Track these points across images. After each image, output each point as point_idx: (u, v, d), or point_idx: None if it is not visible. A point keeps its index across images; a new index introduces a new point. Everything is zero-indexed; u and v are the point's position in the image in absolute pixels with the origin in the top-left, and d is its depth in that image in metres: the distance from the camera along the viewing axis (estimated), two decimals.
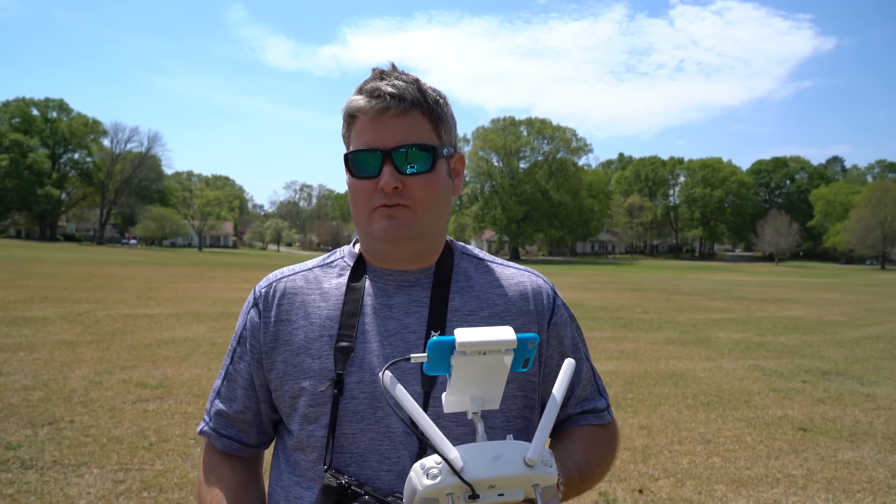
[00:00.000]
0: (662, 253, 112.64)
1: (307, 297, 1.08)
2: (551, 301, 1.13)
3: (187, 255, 55.03)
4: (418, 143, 1.00)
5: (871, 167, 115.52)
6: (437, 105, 1.03)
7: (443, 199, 1.06)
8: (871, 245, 74.32)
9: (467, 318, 1.04)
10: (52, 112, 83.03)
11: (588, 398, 1.17)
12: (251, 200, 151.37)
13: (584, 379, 1.16)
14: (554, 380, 0.89)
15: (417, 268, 1.08)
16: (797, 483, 4.44)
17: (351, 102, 1.03)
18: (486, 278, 1.11)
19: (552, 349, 1.11)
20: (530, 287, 1.12)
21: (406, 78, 1.03)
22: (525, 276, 1.14)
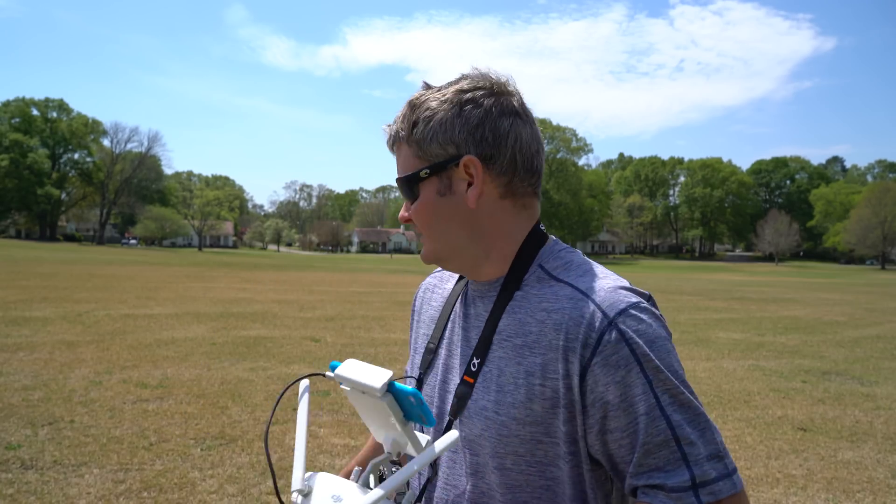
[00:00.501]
0: (662, 253, 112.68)
1: (432, 296, 1.16)
2: (594, 337, 0.87)
3: (187, 255, 55.03)
4: (400, 176, 1.00)
5: (871, 167, 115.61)
6: (415, 125, 0.97)
7: (440, 221, 0.99)
8: (871, 245, 74.37)
9: (504, 343, 0.95)
10: (52, 112, 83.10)
11: (659, 469, 0.84)
12: (251, 200, 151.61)
13: (653, 443, 0.84)
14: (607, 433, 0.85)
15: (487, 280, 1.02)
16: (797, 483, 4.44)
17: None
18: (539, 298, 0.95)
19: (595, 397, 0.87)
20: (568, 315, 0.90)
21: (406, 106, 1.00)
22: (570, 302, 0.91)
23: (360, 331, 10.90)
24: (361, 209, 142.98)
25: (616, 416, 0.86)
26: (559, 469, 0.91)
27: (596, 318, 0.88)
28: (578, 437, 0.90)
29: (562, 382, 0.88)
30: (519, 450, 0.91)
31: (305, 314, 13.02)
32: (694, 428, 0.85)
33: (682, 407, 0.86)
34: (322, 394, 6.39)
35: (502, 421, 0.92)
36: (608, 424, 0.87)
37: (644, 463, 0.85)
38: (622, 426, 0.86)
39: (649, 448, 0.85)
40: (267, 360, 8.04)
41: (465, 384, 0.96)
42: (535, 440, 0.91)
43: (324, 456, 4.64)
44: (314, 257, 71.37)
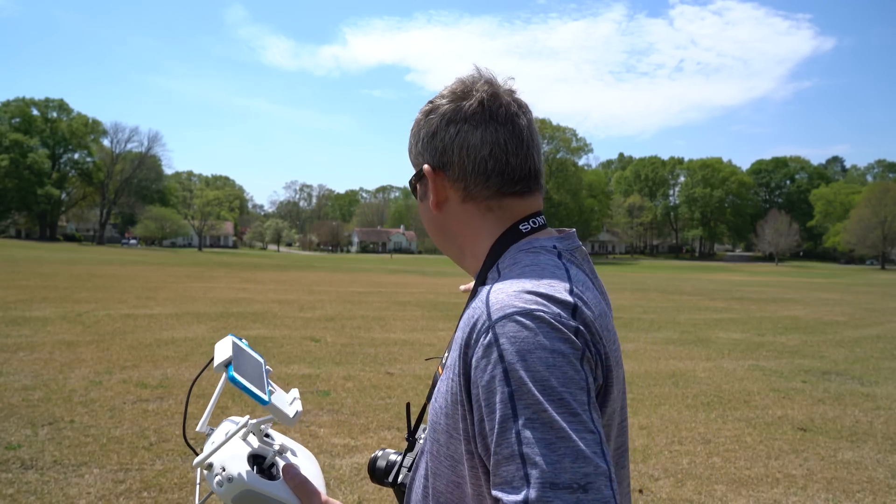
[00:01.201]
0: (662, 253, 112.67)
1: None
2: (475, 337, 0.86)
3: (187, 255, 55.02)
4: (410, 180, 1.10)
5: (871, 167, 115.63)
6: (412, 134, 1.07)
7: (425, 222, 1.09)
8: (871, 245, 74.39)
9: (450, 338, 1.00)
10: (52, 112, 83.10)
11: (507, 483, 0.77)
12: (251, 200, 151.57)
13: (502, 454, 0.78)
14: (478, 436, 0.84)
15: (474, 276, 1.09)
16: (797, 483, 4.44)
17: None
18: (475, 296, 0.97)
19: (473, 396, 0.84)
20: (468, 315, 0.90)
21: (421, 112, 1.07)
22: (477, 301, 0.91)
23: (360, 331, 10.90)
24: (361, 209, 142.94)
25: (486, 419, 0.82)
26: (463, 467, 0.89)
27: (481, 318, 0.86)
28: (471, 436, 0.86)
29: (459, 379, 0.87)
30: (440, 439, 0.91)
31: (305, 314, 13.02)
32: (548, 450, 0.76)
33: (543, 426, 0.77)
34: (322, 394, 6.39)
35: (436, 408, 0.94)
36: (484, 427, 0.82)
37: (496, 473, 0.79)
38: (488, 431, 0.81)
39: (498, 459, 0.79)
40: (267, 359, 8.01)
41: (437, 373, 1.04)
42: (449, 433, 0.90)
43: (324, 456, 4.63)
44: (314, 257, 71.36)
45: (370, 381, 7.05)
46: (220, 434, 0.99)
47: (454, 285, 24.37)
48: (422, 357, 8.64)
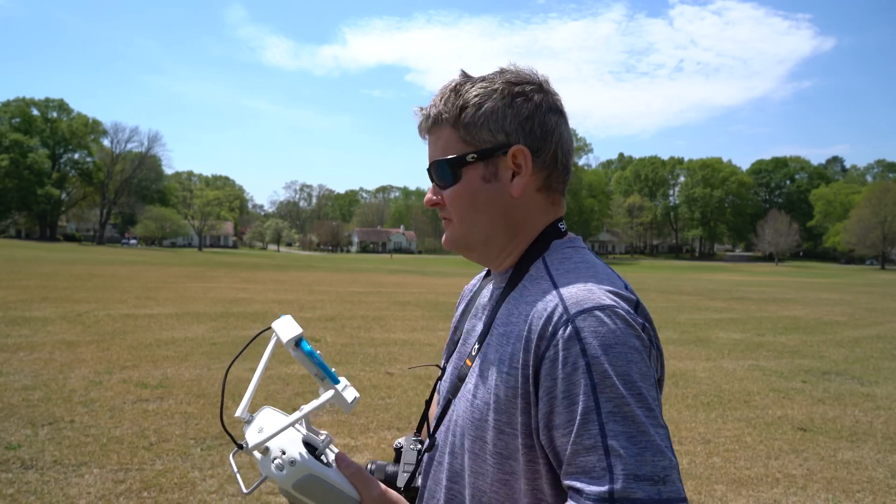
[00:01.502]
0: (662, 253, 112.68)
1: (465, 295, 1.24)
2: (551, 331, 0.87)
3: (187, 255, 55.03)
4: (438, 157, 1.01)
5: (871, 167, 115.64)
6: (463, 109, 0.99)
7: (478, 207, 1.00)
8: (871, 245, 74.39)
9: (495, 331, 0.99)
10: (52, 112, 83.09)
11: (585, 472, 0.80)
12: (251, 200, 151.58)
13: (583, 445, 0.81)
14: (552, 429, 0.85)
15: (502, 270, 1.06)
16: (797, 483, 4.44)
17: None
18: (529, 290, 0.97)
19: (543, 390, 0.86)
20: (535, 310, 0.91)
21: (445, 89, 1.02)
22: (542, 296, 0.92)
23: (360, 331, 10.90)
24: (361, 209, 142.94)
25: (559, 412, 0.84)
26: (517, 462, 0.90)
27: (556, 312, 0.88)
28: (533, 429, 0.88)
29: (520, 372, 0.89)
30: (484, 436, 0.92)
31: (305, 314, 13.02)
32: (630, 443, 0.79)
33: (625, 419, 0.80)
34: None
35: (477, 405, 0.94)
36: (553, 420, 0.85)
37: (573, 462, 0.82)
38: (563, 423, 0.83)
39: (578, 450, 0.81)
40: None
41: (465, 367, 1.02)
42: (497, 429, 0.91)
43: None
44: (314, 257, 71.37)
45: (370, 382, 7.05)
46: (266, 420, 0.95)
47: (454, 285, 24.38)
48: (422, 357, 8.64)
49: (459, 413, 0.98)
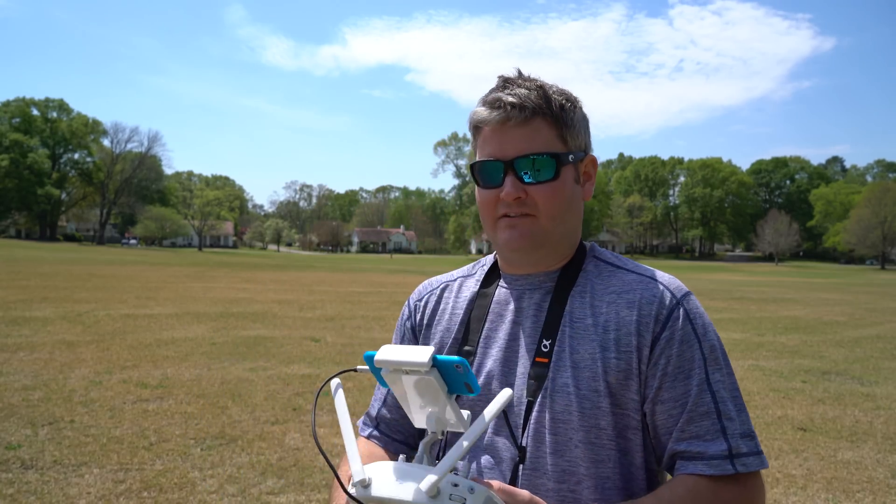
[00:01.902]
0: (662, 253, 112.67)
1: (447, 306, 1.17)
2: (665, 313, 0.98)
3: (187, 255, 55.04)
4: (540, 151, 1.00)
5: (871, 167, 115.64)
6: (563, 110, 1.02)
7: (569, 206, 1.05)
8: (871, 245, 74.37)
9: (576, 324, 1.02)
10: (52, 112, 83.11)
11: (699, 437, 0.94)
12: (251, 200, 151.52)
13: (698, 412, 0.95)
14: (660, 403, 0.96)
15: (544, 271, 1.08)
16: (797, 483, 4.44)
17: (474, 114, 1.05)
18: (605, 283, 1.05)
19: (657, 368, 0.97)
20: (640, 296, 1.01)
21: (529, 84, 1.02)
22: (641, 284, 1.03)
23: (360, 331, 10.90)
24: (361, 209, 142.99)
25: (671, 385, 0.96)
26: (631, 440, 0.99)
27: (666, 297, 1.00)
28: (640, 404, 0.98)
29: (635, 355, 0.98)
30: (600, 422, 0.97)
31: (305, 314, 13.02)
32: (734, 406, 0.96)
33: (727, 387, 0.97)
34: (322, 394, 6.39)
35: (583, 395, 0.98)
36: (662, 394, 0.97)
37: (687, 429, 0.95)
38: (674, 396, 0.96)
39: (693, 416, 0.95)
40: (267, 360, 8.04)
41: (538, 366, 1.01)
42: (611, 412, 0.98)
43: None
44: (314, 257, 71.38)
45: (370, 382, 7.05)
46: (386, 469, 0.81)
47: None
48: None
49: (558, 410, 0.98)
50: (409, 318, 1.21)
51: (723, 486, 0.93)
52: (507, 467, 1.00)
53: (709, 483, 0.93)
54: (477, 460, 1.03)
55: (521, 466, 0.99)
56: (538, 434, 0.99)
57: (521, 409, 1.01)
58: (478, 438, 0.80)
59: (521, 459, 0.99)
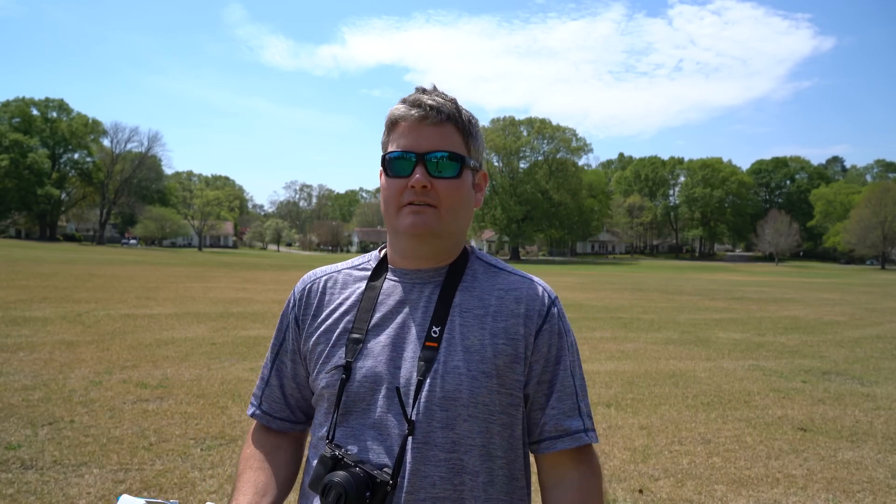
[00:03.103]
0: (662, 253, 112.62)
1: (332, 296, 1.24)
2: (545, 309, 1.17)
3: (187, 255, 55.02)
4: (449, 150, 1.14)
5: (871, 167, 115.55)
6: (470, 123, 1.18)
7: (465, 205, 1.18)
8: (871, 245, 74.32)
9: (465, 314, 1.15)
10: (52, 112, 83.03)
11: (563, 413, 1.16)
12: (251, 200, 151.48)
13: (565, 392, 1.16)
14: (538, 384, 1.15)
15: (433, 266, 1.19)
16: (797, 483, 4.44)
17: (395, 110, 1.17)
18: (490, 281, 1.20)
19: (539, 355, 1.15)
20: (526, 293, 1.18)
21: (445, 96, 1.16)
22: (524, 284, 1.20)
23: None
24: (361, 209, 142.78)
25: (547, 369, 1.16)
26: (511, 415, 1.14)
27: (545, 297, 1.19)
28: (522, 384, 1.15)
29: (521, 342, 1.14)
30: (486, 399, 1.11)
31: None
32: (583, 391, 1.19)
33: (580, 375, 1.20)
34: None
35: (473, 375, 1.10)
36: (542, 376, 1.16)
37: (556, 406, 1.15)
38: (548, 379, 1.16)
39: (560, 396, 1.16)
40: None
41: (428, 349, 1.11)
42: (497, 391, 1.12)
43: None
44: (314, 257, 71.36)
45: None
46: None
47: None
48: None
49: (448, 388, 1.09)
50: (293, 308, 1.26)
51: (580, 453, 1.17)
52: (396, 441, 1.09)
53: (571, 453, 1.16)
54: (367, 438, 1.11)
55: (410, 439, 1.08)
56: (428, 410, 1.09)
57: (411, 389, 1.10)
58: None
59: (410, 432, 1.08)
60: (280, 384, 1.27)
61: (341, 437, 1.13)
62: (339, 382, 1.14)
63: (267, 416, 1.28)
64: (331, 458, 1.08)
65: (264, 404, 1.29)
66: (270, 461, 1.24)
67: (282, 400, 1.28)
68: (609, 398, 6.71)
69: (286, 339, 1.26)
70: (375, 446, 1.10)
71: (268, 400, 1.29)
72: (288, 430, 1.29)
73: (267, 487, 1.19)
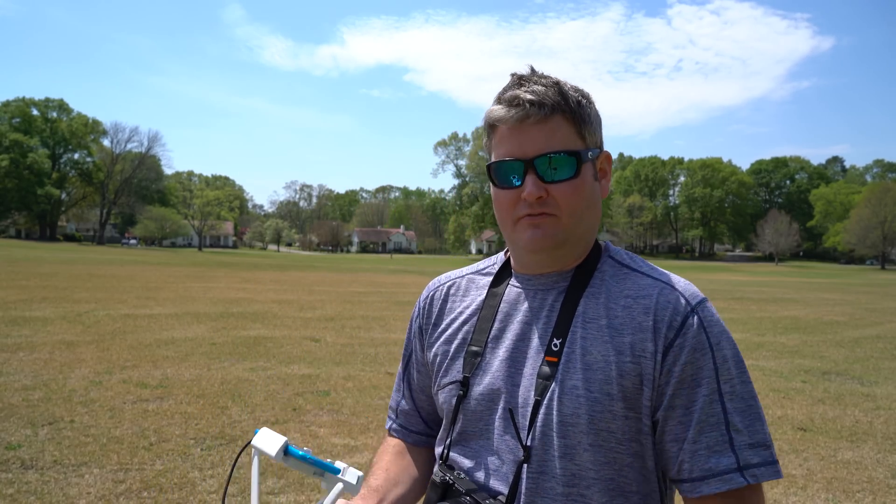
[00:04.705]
0: (662, 253, 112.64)
1: (454, 304, 1.17)
2: (679, 320, 0.96)
3: (187, 255, 55.03)
4: (561, 149, 0.98)
5: (870, 167, 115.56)
6: (580, 106, 1.01)
7: (590, 204, 1.03)
8: (871, 245, 74.37)
9: (589, 325, 1.00)
10: (52, 112, 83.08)
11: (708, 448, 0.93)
12: (251, 200, 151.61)
13: (708, 423, 0.94)
14: (669, 410, 0.95)
15: (557, 270, 1.06)
16: (797, 483, 4.44)
17: (490, 112, 1.03)
18: (620, 286, 1.03)
19: (671, 376, 0.95)
20: (656, 301, 0.98)
21: (546, 81, 1.00)
22: (656, 289, 1.00)
23: (360, 331, 10.90)
24: (361, 209, 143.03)
25: (682, 393, 0.95)
26: (642, 444, 0.97)
27: (680, 304, 0.98)
28: (651, 409, 0.97)
29: (650, 360, 0.95)
30: (611, 426, 0.96)
31: (305, 314, 13.02)
32: (744, 417, 0.94)
33: (738, 398, 0.95)
34: (322, 394, 6.39)
35: (595, 398, 0.96)
36: (674, 401, 0.95)
37: (698, 439, 0.94)
38: (684, 403, 0.95)
39: (702, 427, 0.94)
40: (267, 360, 8.04)
41: (547, 364, 0.99)
42: (623, 416, 0.96)
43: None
44: (314, 257, 71.37)
45: (370, 381, 7.05)
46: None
47: None
48: None
49: (566, 412, 0.96)
50: (417, 316, 1.22)
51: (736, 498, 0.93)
52: (511, 468, 0.99)
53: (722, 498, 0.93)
54: (484, 461, 1.03)
55: (525, 466, 0.98)
56: (545, 436, 0.98)
57: (528, 410, 0.99)
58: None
59: (525, 459, 0.98)
60: (412, 397, 1.23)
61: (456, 458, 1.06)
62: (456, 399, 1.07)
63: (403, 430, 1.24)
64: (441, 483, 1.02)
65: (400, 417, 1.25)
66: (401, 462, 1.19)
67: (416, 413, 1.22)
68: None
69: (413, 350, 1.22)
70: (490, 472, 1.02)
71: (403, 414, 1.24)
72: (423, 444, 1.22)
73: (399, 479, 1.14)
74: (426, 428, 1.22)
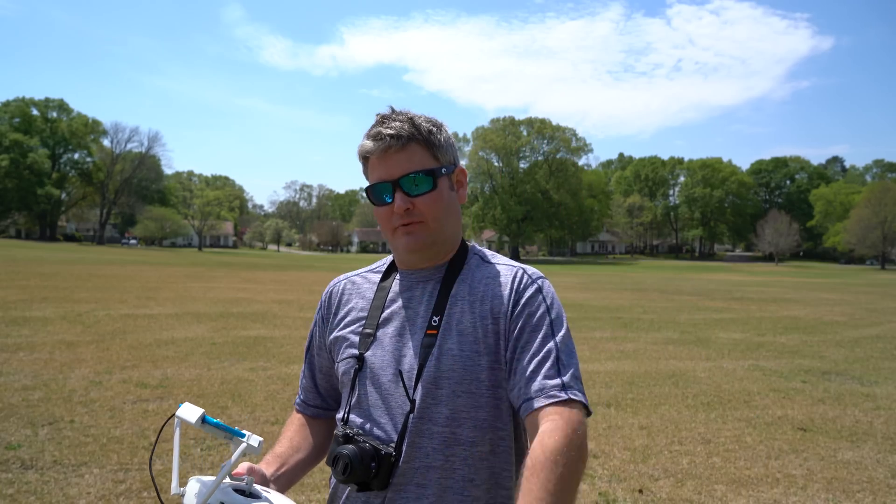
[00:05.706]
0: (662, 253, 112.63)
1: (351, 297, 1.41)
2: (524, 286, 1.26)
3: (187, 255, 55.02)
4: (419, 169, 1.24)
5: (870, 167, 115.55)
6: (431, 134, 1.27)
7: (449, 210, 1.29)
8: (871, 245, 74.32)
9: (458, 302, 1.27)
10: (52, 112, 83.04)
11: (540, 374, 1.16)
12: (251, 200, 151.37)
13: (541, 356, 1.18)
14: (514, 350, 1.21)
15: (432, 265, 1.32)
16: (797, 483, 4.44)
17: (361, 147, 1.30)
18: (482, 271, 1.31)
19: (515, 324, 1.22)
20: (510, 274, 1.28)
21: (401, 118, 1.26)
22: (509, 269, 1.30)
23: None
24: (361, 209, 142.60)
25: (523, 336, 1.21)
26: (503, 389, 1.23)
27: (525, 276, 1.28)
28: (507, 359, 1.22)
29: (501, 319, 1.23)
30: (479, 376, 1.22)
31: (305, 314, 13.02)
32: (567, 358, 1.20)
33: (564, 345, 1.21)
34: None
35: (466, 355, 1.22)
36: (517, 343, 1.21)
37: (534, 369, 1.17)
38: (523, 344, 1.20)
39: (540, 361, 1.18)
40: (267, 360, 8.04)
41: (429, 336, 1.25)
42: (489, 367, 1.22)
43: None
44: (314, 257, 71.36)
45: None
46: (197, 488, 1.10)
47: None
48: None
49: (444, 369, 1.22)
50: (320, 309, 1.45)
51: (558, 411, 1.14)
52: (400, 419, 1.22)
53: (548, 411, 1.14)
54: (379, 418, 1.25)
55: (410, 416, 1.21)
56: (426, 389, 1.21)
57: (413, 373, 1.23)
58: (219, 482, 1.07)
59: (411, 410, 1.21)
60: (312, 376, 1.46)
61: (354, 419, 1.28)
62: (353, 371, 1.30)
63: (304, 404, 1.47)
64: (342, 435, 1.23)
65: (302, 394, 1.49)
66: (303, 433, 1.42)
67: (314, 390, 1.46)
68: (609, 398, 6.71)
69: (314, 336, 1.45)
70: (383, 424, 1.24)
71: (304, 390, 1.48)
72: (321, 416, 1.46)
73: (300, 446, 1.38)
74: (323, 402, 1.46)
